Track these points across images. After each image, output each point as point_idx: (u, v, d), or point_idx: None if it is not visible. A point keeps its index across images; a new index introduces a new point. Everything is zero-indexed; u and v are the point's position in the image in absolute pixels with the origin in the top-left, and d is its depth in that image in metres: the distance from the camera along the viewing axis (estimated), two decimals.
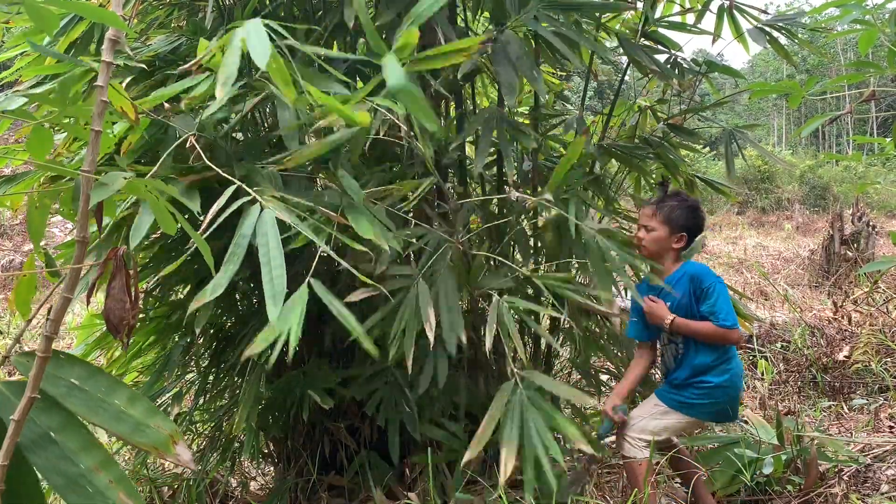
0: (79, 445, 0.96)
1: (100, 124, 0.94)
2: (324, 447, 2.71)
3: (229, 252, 1.18)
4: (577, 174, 2.59)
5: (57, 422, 0.97)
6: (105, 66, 0.93)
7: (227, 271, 1.16)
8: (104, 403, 0.98)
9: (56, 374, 0.98)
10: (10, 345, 5.04)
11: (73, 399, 0.98)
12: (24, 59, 2.22)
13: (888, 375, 3.86)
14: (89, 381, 0.99)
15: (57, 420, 0.97)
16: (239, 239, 1.18)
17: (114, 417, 0.98)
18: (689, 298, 2.33)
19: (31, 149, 1.11)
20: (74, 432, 0.97)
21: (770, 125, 40.69)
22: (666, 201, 2.43)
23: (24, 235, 10.85)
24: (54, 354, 1.00)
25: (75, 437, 0.96)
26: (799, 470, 2.56)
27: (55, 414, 0.97)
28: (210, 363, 2.77)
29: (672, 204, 2.40)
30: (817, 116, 2.53)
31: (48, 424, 0.96)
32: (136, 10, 2.30)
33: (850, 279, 6.81)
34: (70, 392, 0.98)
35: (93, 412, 0.98)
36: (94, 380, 0.99)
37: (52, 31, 1.61)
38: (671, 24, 2.81)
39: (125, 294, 1.11)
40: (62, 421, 0.97)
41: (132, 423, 0.98)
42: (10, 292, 1.82)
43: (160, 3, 2.61)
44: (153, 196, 1.03)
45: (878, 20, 2.35)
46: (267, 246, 1.17)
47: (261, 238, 1.18)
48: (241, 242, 1.18)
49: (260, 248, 1.18)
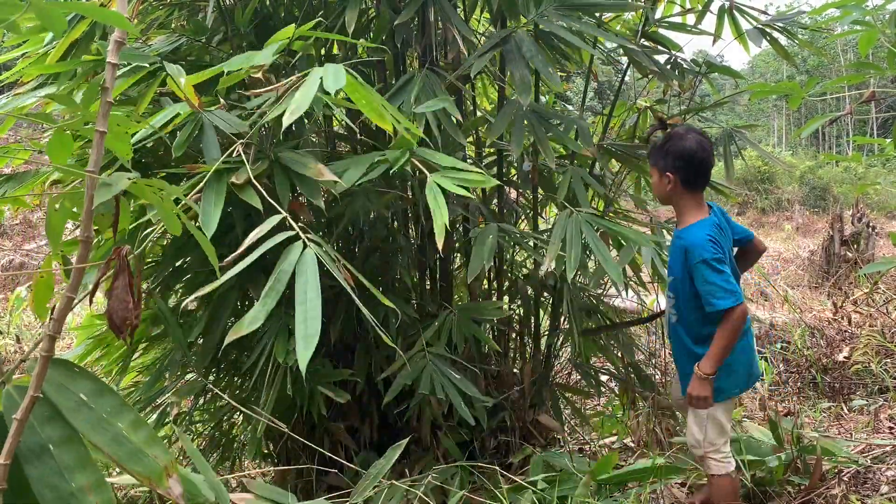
0: (75, 462, 0.96)
1: (104, 125, 0.95)
2: (324, 447, 2.71)
3: (268, 287, 1.20)
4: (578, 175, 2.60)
5: (58, 435, 0.96)
6: (110, 68, 0.93)
7: (265, 305, 1.19)
8: (108, 424, 0.98)
9: (67, 385, 0.98)
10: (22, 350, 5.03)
11: (79, 415, 0.97)
12: (26, 60, 2.22)
13: (888, 376, 3.87)
14: (98, 398, 0.99)
15: (58, 433, 0.97)
16: (279, 275, 1.20)
17: (114, 440, 0.98)
18: (683, 274, 2.15)
19: (51, 153, 1.12)
20: (73, 449, 0.96)
21: (770, 126, 40.70)
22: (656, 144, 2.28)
23: (24, 235, 10.84)
24: (68, 365, 1.00)
25: (73, 454, 0.96)
26: (799, 470, 2.56)
27: (58, 427, 0.97)
28: (210, 363, 2.77)
29: (657, 145, 2.25)
30: (817, 117, 2.53)
31: (49, 436, 0.96)
32: (137, 11, 2.30)
33: (850, 280, 6.81)
34: (77, 407, 0.98)
35: (95, 431, 0.97)
36: (103, 398, 0.99)
37: (59, 30, 1.62)
38: (671, 25, 2.82)
39: (128, 294, 1.11)
40: (63, 435, 0.96)
41: (131, 450, 0.98)
42: (11, 293, 1.82)
43: (160, 4, 2.61)
44: (157, 197, 1.04)
45: (878, 21, 2.35)
46: (305, 286, 1.19)
47: (300, 277, 1.20)
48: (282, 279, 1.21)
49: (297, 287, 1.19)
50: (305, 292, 1.18)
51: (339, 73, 1.50)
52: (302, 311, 1.16)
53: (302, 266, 1.21)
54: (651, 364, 3.70)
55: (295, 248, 1.26)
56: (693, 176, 2.17)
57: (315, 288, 1.18)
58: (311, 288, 1.18)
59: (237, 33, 2.43)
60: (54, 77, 2.12)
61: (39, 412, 0.95)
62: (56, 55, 2.05)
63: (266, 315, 1.19)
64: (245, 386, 2.79)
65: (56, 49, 2.05)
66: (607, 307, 3.13)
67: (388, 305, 1.43)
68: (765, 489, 2.52)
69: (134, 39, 2.39)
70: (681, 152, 2.15)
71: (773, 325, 5.18)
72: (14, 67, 2.19)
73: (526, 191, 3.17)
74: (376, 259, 2.75)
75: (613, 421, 3.45)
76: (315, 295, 1.17)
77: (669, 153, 2.17)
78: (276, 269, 1.22)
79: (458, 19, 2.39)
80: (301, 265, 1.21)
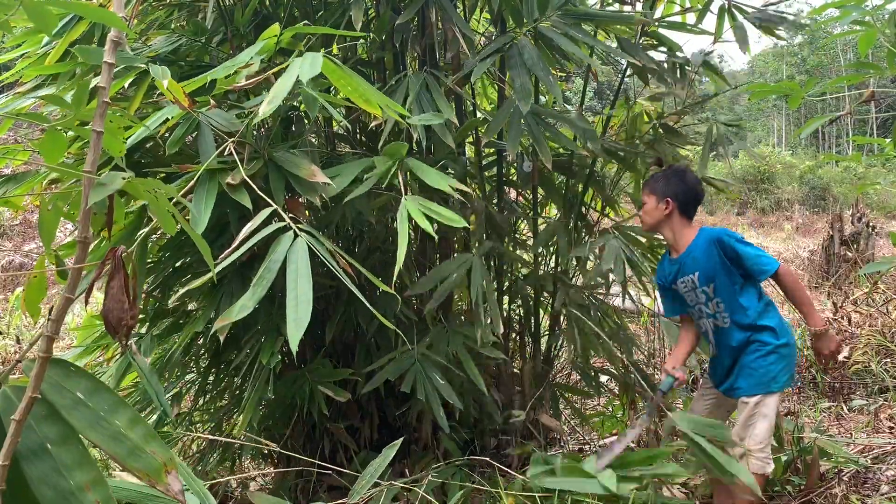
0: (74, 461, 0.95)
1: (101, 125, 0.94)
2: (324, 447, 2.71)
3: (258, 276, 1.20)
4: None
5: (56, 433, 0.96)
6: (107, 67, 0.93)
7: (255, 294, 1.18)
8: (105, 422, 0.98)
9: (63, 384, 0.97)
10: (22, 351, 5.05)
11: (76, 413, 0.97)
12: (25, 61, 2.22)
13: (888, 376, 3.86)
14: (94, 396, 0.98)
15: (56, 432, 0.96)
16: (270, 264, 1.20)
17: (112, 438, 0.98)
18: (719, 263, 2.32)
19: (44, 151, 1.11)
20: (72, 447, 0.96)
21: (770, 126, 40.68)
22: (653, 176, 2.50)
23: (24, 236, 10.84)
24: (64, 364, 1.00)
25: (71, 452, 0.96)
26: (799, 471, 2.56)
27: (55, 425, 0.97)
28: (210, 363, 2.77)
29: (657, 176, 2.47)
30: (817, 117, 2.53)
31: (47, 435, 0.96)
32: (136, 11, 2.30)
33: (850, 280, 6.80)
34: (74, 405, 0.97)
35: (93, 429, 0.97)
36: (99, 396, 0.99)
37: (51, 30, 1.61)
38: (671, 24, 2.81)
39: (124, 294, 1.11)
40: (61, 433, 0.96)
41: (129, 446, 0.98)
42: (11, 293, 1.83)
43: (160, 4, 2.61)
44: (152, 196, 1.04)
45: (878, 21, 2.35)
46: (296, 274, 1.19)
47: (291, 265, 1.20)
48: (272, 267, 1.20)
49: (289, 275, 1.19)
50: (297, 280, 1.18)
51: (316, 60, 1.45)
52: (293, 297, 1.16)
53: (293, 255, 1.20)
54: (651, 364, 3.70)
55: (286, 237, 1.25)
56: (690, 205, 2.43)
57: (306, 276, 1.18)
58: (303, 276, 1.18)
59: (237, 33, 2.42)
60: (54, 77, 2.12)
61: (37, 411, 0.95)
62: (55, 56, 2.04)
63: (255, 303, 1.19)
64: (244, 385, 2.79)
65: (55, 50, 2.05)
66: (607, 307, 3.13)
67: (384, 302, 1.43)
68: (765, 489, 2.52)
69: (133, 40, 2.39)
70: (683, 181, 2.42)
71: None
72: (14, 68, 2.19)
73: (526, 190, 3.17)
74: (376, 259, 2.75)
75: (613, 421, 3.45)
76: (306, 283, 1.17)
77: (671, 181, 2.42)
78: (267, 259, 1.21)
79: (458, 19, 2.38)
80: (292, 254, 1.21)
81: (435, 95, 2.25)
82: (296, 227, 1.25)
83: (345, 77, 1.49)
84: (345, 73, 1.49)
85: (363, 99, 1.53)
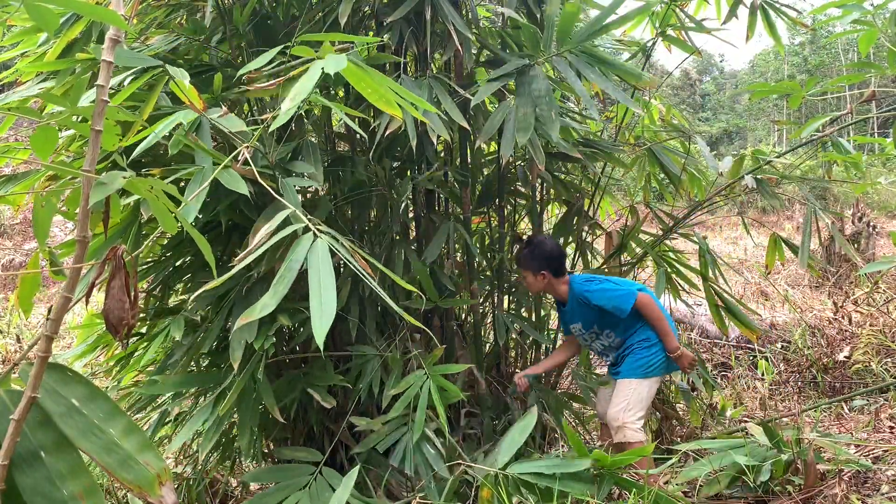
0: (67, 469, 0.94)
1: (100, 123, 0.94)
2: (324, 447, 2.70)
3: (279, 275, 1.19)
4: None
5: (50, 441, 0.94)
6: (105, 66, 0.93)
7: (276, 293, 1.17)
8: (99, 430, 0.96)
9: (59, 390, 0.96)
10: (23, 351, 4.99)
11: (70, 421, 0.95)
12: (25, 60, 2.22)
13: (888, 376, 3.86)
14: (90, 403, 0.97)
15: (50, 439, 0.94)
16: (291, 263, 1.19)
17: (104, 447, 0.96)
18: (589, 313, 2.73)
19: (35, 146, 1.11)
20: (65, 455, 0.94)
21: (770, 125, 40.64)
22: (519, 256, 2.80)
23: (24, 235, 10.84)
24: (61, 369, 0.98)
25: (65, 460, 0.94)
26: (799, 471, 2.55)
27: (49, 432, 0.95)
28: (210, 363, 2.76)
29: (523, 254, 2.76)
30: (818, 117, 2.53)
31: (40, 443, 0.94)
32: (136, 10, 2.29)
33: (851, 279, 6.80)
34: (69, 413, 0.96)
35: (86, 438, 0.95)
36: (95, 403, 0.97)
37: (52, 29, 1.61)
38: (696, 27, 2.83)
39: (124, 294, 1.10)
40: (54, 441, 0.94)
41: (122, 457, 0.96)
42: (11, 292, 1.82)
43: (159, 3, 2.60)
44: (152, 194, 1.03)
45: (879, 20, 2.34)
46: (318, 273, 1.18)
47: (312, 266, 1.20)
48: (293, 267, 1.20)
49: (311, 275, 1.18)
50: (319, 279, 1.16)
51: (341, 58, 1.45)
52: (317, 295, 1.14)
53: (314, 256, 1.20)
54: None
55: (305, 238, 1.25)
56: (560, 266, 2.75)
57: (329, 274, 1.16)
58: (325, 274, 1.16)
59: (236, 33, 2.42)
60: (54, 75, 2.12)
61: (31, 417, 0.93)
62: (54, 53, 2.04)
63: (277, 303, 1.18)
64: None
65: (54, 47, 2.05)
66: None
67: (400, 296, 1.42)
68: (765, 489, 2.51)
69: (132, 39, 2.38)
70: (547, 254, 2.72)
71: (774, 325, 5.17)
72: (13, 67, 2.19)
73: (526, 189, 3.17)
74: (380, 260, 2.74)
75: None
76: (329, 281, 1.15)
77: (536, 257, 2.71)
78: (287, 259, 1.20)
79: (457, 19, 2.37)
80: (313, 255, 1.20)
81: (440, 97, 2.25)
82: (315, 230, 1.25)
83: (363, 76, 1.47)
84: (365, 74, 1.46)
85: (384, 101, 1.50)
